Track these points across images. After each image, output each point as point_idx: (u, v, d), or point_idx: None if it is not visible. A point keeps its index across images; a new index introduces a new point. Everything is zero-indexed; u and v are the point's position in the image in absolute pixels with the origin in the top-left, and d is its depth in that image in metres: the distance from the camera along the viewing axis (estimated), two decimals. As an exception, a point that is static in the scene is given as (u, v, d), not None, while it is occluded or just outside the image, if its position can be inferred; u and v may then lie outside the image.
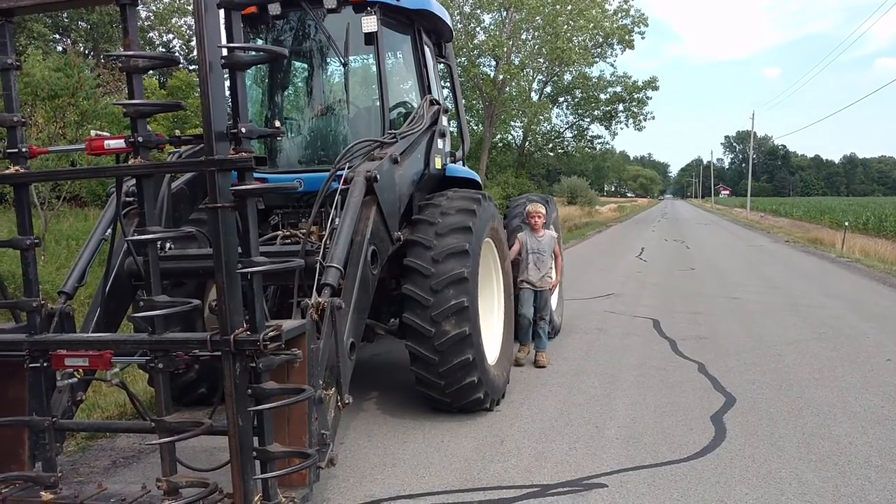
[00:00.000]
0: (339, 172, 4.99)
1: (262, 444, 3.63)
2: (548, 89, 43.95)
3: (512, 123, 42.56)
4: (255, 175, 3.71)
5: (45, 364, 3.92)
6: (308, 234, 5.04)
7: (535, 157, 48.03)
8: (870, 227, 37.10)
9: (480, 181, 7.09)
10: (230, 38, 3.51)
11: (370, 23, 5.91)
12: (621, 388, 6.75)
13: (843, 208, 54.02)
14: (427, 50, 6.80)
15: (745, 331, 9.49)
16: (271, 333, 3.58)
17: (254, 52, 3.79)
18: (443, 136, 6.58)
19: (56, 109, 13.33)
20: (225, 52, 3.53)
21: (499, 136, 41.89)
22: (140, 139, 3.63)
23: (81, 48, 34.16)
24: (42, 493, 3.93)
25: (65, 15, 33.83)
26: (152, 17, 38.96)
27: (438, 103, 6.55)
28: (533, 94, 41.45)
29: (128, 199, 5.14)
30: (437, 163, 6.42)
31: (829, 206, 61.81)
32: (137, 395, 5.30)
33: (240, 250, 3.53)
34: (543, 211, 7.85)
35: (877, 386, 6.76)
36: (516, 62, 37.32)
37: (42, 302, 3.97)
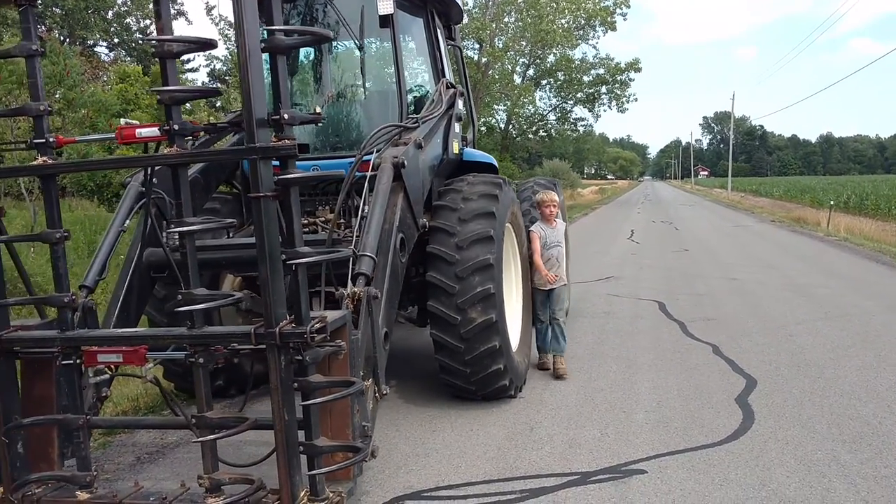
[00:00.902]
0: (365, 157, 4.88)
1: (309, 439, 3.55)
2: (530, 72, 43.78)
3: (495, 107, 42.40)
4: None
5: (77, 361, 3.80)
6: (335, 222, 4.93)
7: (517, 141, 47.91)
8: (850, 205, 37.46)
9: (496, 165, 7.00)
10: (269, 22, 3.39)
11: (386, 5, 5.77)
12: (640, 371, 6.72)
13: (822, 187, 54.47)
14: (439, 32, 6.69)
15: (751, 311, 9.50)
16: (317, 325, 3.49)
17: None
18: (459, 119, 6.48)
19: (45, 96, 12.99)
20: (264, 35, 3.43)
21: (482, 119, 41.72)
22: (175, 127, 3.52)
23: (57, 35, 33.50)
24: (78, 492, 3.82)
25: (38, 1, 33.11)
26: (129, 3, 38.29)
27: (454, 87, 6.44)
28: (516, 77, 41.31)
29: (142, 189, 5.01)
30: (455, 147, 6.32)
31: (808, 185, 62.31)
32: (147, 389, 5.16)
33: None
34: (558, 199, 6.94)
35: (893, 364, 6.78)
36: (499, 45, 37.14)
37: (72, 297, 3.84)
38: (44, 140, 3.71)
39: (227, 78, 25.76)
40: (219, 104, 22.23)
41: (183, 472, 4.67)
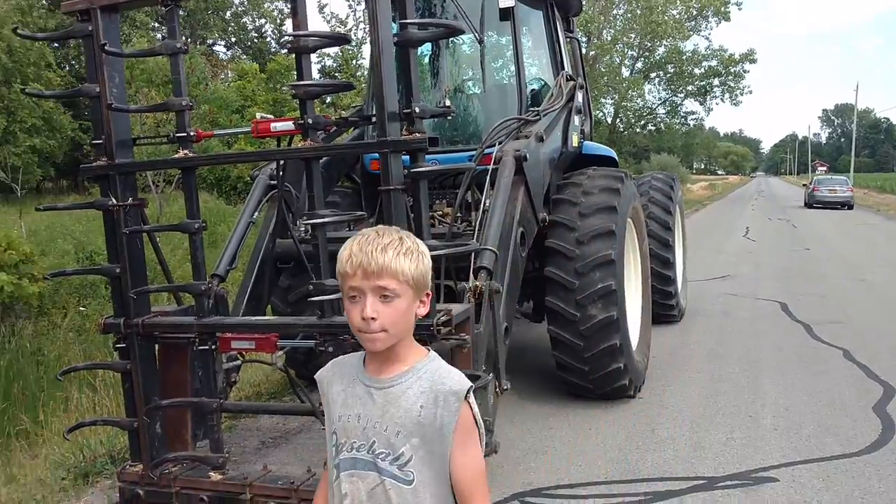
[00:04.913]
0: (487, 151, 4.86)
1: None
2: (639, 65, 42.82)
3: (602, 100, 41.71)
4: None
5: (212, 347, 3.94)
6: (454, 215, 4.94)
7: (624, 135, 46.97)
8: None
9: (616, 158, 6.83)
10: (402, 16, 3.41)
11: (507, -2, 5.72)
12: (765, 374, 6.43)
13: (957, 184, 50.77)
14: (558, 25, 6.59)
15: (883, 315, 8.94)
16: (443, 318, 3.49)
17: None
18: (579, 112, 6.36)
19: (169, 94, 13.69)
20: (397, 29, 3.45)
21: (589, 113, 41.05)
22: (310, 121, 3.59)
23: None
24: (210, 473, 3.97)
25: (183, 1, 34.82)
26: (246, 3, 39.76)
27: (574, 79, 6.34)
28: (624, 69, 40.52)
29: (271, 181, 5.15)
30: (574, 140, 6.21)
31: (940, 181, 58.21)
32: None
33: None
34: (408, 269, 1.78)
35: None
36: (608, 38, 36.51)
37: (209, 285, 3.99)
38: (185, 134, 3.86)
39: (336, 75, 26.36)
40: (329, 100, 22.76)
41: (306, 457, 4.79)
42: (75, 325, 8.64)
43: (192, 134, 3.89)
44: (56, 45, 22.74)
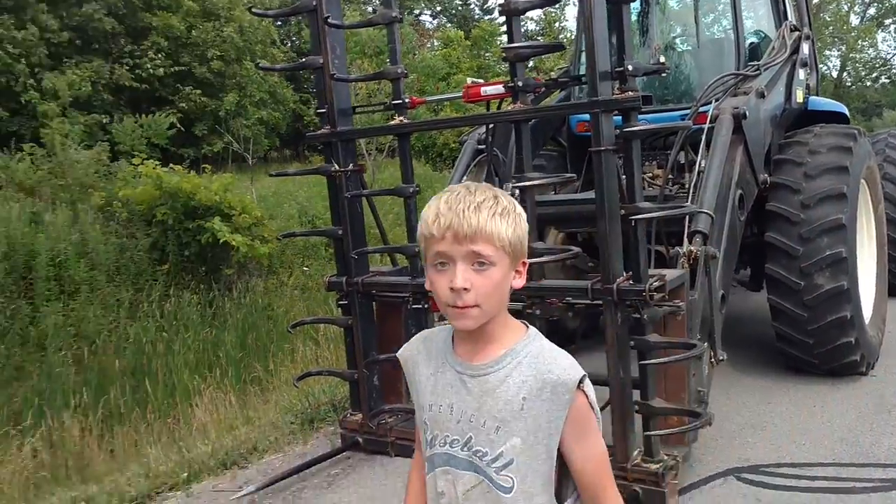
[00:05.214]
0: (702, 109, 4.60)
1: (644, 399, 3.49)
2: (871, 11, 38.57)
3: (826, 53, 38.13)
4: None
5: (425, 305, 4.10)
6: (666, 177, 4.75)
7: (852, 90, 42.68)
8: None
9: (847, 114, 6.22)
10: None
11: (727, -55, 5.36)
12: None
13: None
14: (783, -31, 6.07)
15: None
16: (656, 284, 3.39)
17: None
18: (804, 65, 5.85)
19: (380, 65, 14.33)
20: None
21: (812, 67, 37.73)
22: (520, 84, 3.59)
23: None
24: (422, 426, 4.16)
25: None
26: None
27: (799, 29, 5.82)
28: (853, 17, 36.72)
29: (479, 146, 5.22)
30: (799, 96, 5.73)
31: None
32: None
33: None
34: (500, 230, 1.53)
35: None
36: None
37: (422, 247, 4.14)
38: (400, 101, 4.01)
39: (538, 38, 26.16)
40: (531, 63, 22.69)
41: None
42: (299, 284, 9.37)
43: (406, 101, 4.03)
44: (279, 23, 24.46)
